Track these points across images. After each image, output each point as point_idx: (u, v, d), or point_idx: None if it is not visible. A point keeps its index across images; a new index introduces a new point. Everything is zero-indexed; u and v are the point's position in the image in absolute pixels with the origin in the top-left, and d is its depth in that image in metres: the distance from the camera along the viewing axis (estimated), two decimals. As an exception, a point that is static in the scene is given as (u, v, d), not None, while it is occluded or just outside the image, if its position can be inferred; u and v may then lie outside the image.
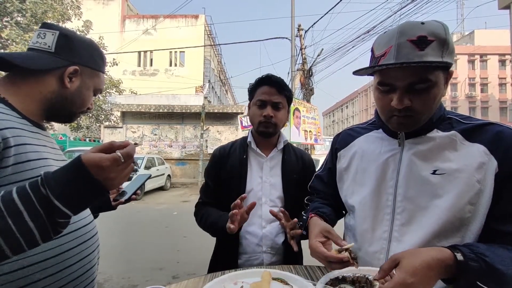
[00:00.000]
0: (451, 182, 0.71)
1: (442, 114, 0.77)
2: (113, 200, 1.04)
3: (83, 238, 0.78)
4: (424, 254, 0.59)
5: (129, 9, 20.64)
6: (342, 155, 0.96)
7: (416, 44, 0.65)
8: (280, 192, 1.19)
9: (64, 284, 0.72)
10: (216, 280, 0.74)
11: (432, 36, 0.65)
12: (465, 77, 39.64)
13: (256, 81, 1.24)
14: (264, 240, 1.15)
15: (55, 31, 0.76)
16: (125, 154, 0.54)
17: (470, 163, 0.70)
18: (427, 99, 0.69)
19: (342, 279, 0.68)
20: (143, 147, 14.79)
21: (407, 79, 0.67)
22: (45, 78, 0.75)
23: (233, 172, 1.20)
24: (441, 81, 0.69)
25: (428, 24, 0.67)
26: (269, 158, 1.23)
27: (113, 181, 0.54)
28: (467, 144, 0.72)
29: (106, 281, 3.15)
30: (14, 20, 9.82)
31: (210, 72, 20.46)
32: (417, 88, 0.68)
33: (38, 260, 0.66)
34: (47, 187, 0.50)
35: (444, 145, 0.74)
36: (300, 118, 8.82)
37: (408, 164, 0.77)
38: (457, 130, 0.74)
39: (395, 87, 0.70)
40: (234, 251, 1.15)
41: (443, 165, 0.73)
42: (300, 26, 11.11)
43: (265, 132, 1.20)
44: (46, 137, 0.80)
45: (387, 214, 0.79)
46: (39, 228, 0.50)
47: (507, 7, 6.97)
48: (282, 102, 1.20)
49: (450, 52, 0.67)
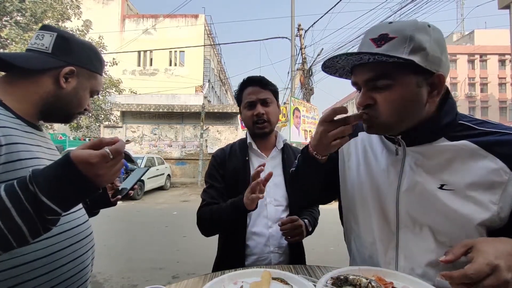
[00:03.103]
0: (461, 199, 0.64)
1: (453, 120, 0.69)
2: (111, 196, 1.04)
3: (76, 238, 0.77)
4: (502, 241, 0.55)
5: (128, 8, 20.62)
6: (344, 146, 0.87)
7: (375, 41, 0.64)
8: (283, 191, 1.20)
9: (56, 285, 0.71)
10: (216, 280, 0.73)
11: (394, 33, 0.62)
12: (465, 77, 39.67)
13: (239, 86, 1.26)
14: (271, 240, 1.15)
15: (53, 33, 0.77)
16: (114, 150, 0.53)
17: (483, 180, 0.63)
18: (388, 98, 0.64)
19: (344, 279, 0.68)
20: (143, 146, 14.80)
21: (364, 75, 0.67)
22: (41, 78, 0.75)
23: (237, 174, 1.19)
24: (409, 82, 0.63)
25: (397, 23, 0.65)
26: (270, 158, 1.24)
27: (102, 177, 0.53)
28: (482, 155, 0.64)
29: (106, 280, 3.15)
30: (14, 19, 9.81)
31: (210, 72, 20.45)
32: (379, 85, 0.65)
33: (29, 260, 0.66)
34: (35, 184, 0.50)
35: (453, 156, 0.66)
36: (300, 118, 8.82)
37: (410, 176, 0.71)
38: (469, 139, 0.66)
39: (359, 85, 0.70)
40: (241, 252, 1.14)
41: (452, 179, 0.66)
42: (300, 25, 11.11)
43: (261, 133, 1.21)
44: (41, 137, 0.80)
45: (391, 224, 0.74)
46: (27, 225, 0.50)
47: (507, 7, 6.96)
48: (269, 97, 1.21)
49: (418, 50, 0.61)
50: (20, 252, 0.64)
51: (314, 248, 4.45)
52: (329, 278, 0.69)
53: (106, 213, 1.07)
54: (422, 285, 0.66)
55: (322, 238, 5.05)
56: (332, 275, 0.70)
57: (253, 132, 1.22)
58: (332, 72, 0.75)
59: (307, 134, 9.07)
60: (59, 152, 0.87)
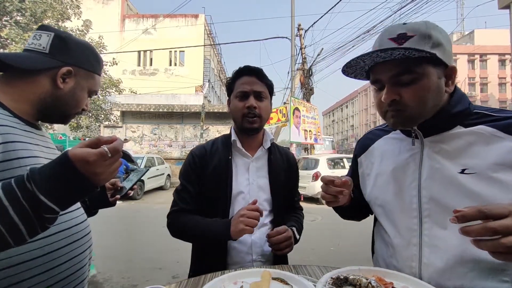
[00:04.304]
0: (483, 181, 0.65)
1: (466, 108, 0.72)
2: (110, 196, 1.04)
3: (73, 237, 0.77)
4: None
5: (128, 8, 20.62)
6: (363, 160, 0.94)
7: (396, 40, 0.68)
8: (268, 194, 1.11)
9: (52, 284, 0.71)
10: (216, 280, 0.73)
11: (412, 32, 0.67)
12: (465, 77, 39.63)
13: (234, 73, 1.14)
14: (253, 248, 1.05)
15: (50, 33, 0.77)
16: (112, 149, 0.53)
17: (505, 161, 0.63)
18: (416, 91, 0.67)
19: (344, 279, 0.68)
20: (143, 146, 14.80)
21: (389, 71, 0.69)
22: (39, 79, 0.75)
23: (218, 174, 1.08)
24: (432, 74, 0.67)
25: (411, 24, 0.69)
26: (255, 158, 1.13)
27: (100, 176, 0.53)
28: (500, 137, 0.65)
29: (106, 280, 3.15)
30: (14, 19, 9.80)
31: (210, 72, 20.45)
32: (404, 81, 0.68)
33: (25, 259, 0.66)
34: (32, 182, 0.50)
35: (471, 141, 0.68)
36: (300, 117, 8.82)
37: (431, 164, 0.73)
38: (486, 124, 0.68)
39: (383, 82, 0.71)
40: (222, 261, 1.03)
41: (472, 163, 0.67)
42: (300, 25, 11.12)
43: (250, 128, 1.08)
44: (40, 136, 0.80)
45: (413, 217, 0.75)
46: (25, 224, 0.50)
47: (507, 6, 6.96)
48: (264, 91, 1.10)
49: (436, 45, 0.66)
50: (17, 251, 0.64)
51: (314, 248, 4.47)
52: (329, 278, 0.69)
53: (106, 213, 1.07)
54: (422, 285, 0.66)
55: (322, 238, 5.06)
56: (332, 275, 0.70)
57: (241, 126, 1.10)
58: (351, 72, 0.78)
59: (307, 134, 9.08)
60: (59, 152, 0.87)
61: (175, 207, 1.09)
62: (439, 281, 0.68)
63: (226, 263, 1.04)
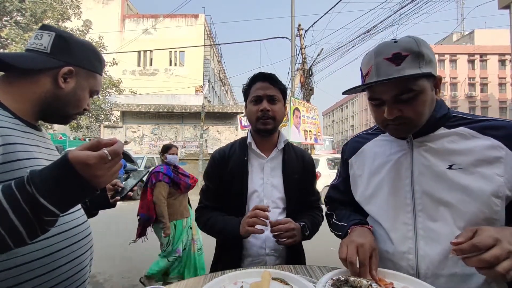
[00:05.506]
0: (470, 175, 0.72)
1: (446, 113, 0.80)
2: (111, 197, 1.04)
3: (74, 238, 0.77)
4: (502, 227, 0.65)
5: (128, 8, 20.63)
6: (354, 161, 0.97)
7: (392, 61, 0.72)
8: (281, 193, 1.18)
9: (54, 285, 0.71)
10: (216, 280, 0.73)
11: (406, 51, 0.71)
12: (465, 77, 39.67)
13: (249, 80, 1.24)
14: (267, 243, 1.13)
15: (51, 33, 0.76)
16: (112, 151, 0.53)
17: (484, 157, 0.72)
18: (416, 106, 0.73)
19: (344, 280, 0.68)
20: (143, 147, 14.81)
21: (391, 92, 0.73)
22: (40, 78, 0.74)
23: (235, 174, 1.18)
24: (426, 87, 0.73)
25: (400, 42, 0.73)
26: (269, 158, 1.21)
27: (100, 178, 0.53)
28: (477, 137, 0.75)
29: (106, 280, 3.15)
30: (14, 19, 9.82)
31: (210, 72, 20.46)
32: (403, 98, 0.73)
33: (26, 260, 0.66)
34: (32, 184, 0.49)
35: (454, 140, 0.77)
36: (300, 118, 8.82)
37: (421, 161, 0.79)
38: (465, 126, 0.77)
39: (383, 100, 0.76)
40: (238, 253, 1.14)
41: (459, 160, 0.74)
42: (300, 25, 11.10)
43: (264, 129, 1.17)
44: (40, 137, 0.79)
45: (408, 212, 0.80)
46: (25, 226, 0.50)
47: (507, 7, 6.96)
48: (277, 95, 1.19)
49: (428, 62, 0.72)
50: (18, 252, 0.64)
51: (314, 248, 4.46)
52: (329, 279, 0.69)
53: (106, 213, 1.07)
54: (422, 285, 0.66)
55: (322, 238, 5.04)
56: (332, 276, 0.70)
57: (256, 128, 1.19)
58: (349, 92, 0.85)
59: (307, 134, 9.07)
60: (59, 152, 0.86)
61: (201, 204, 1.26)
62: (436, 271, 0.74)
63: (242, 254, 1.15)
